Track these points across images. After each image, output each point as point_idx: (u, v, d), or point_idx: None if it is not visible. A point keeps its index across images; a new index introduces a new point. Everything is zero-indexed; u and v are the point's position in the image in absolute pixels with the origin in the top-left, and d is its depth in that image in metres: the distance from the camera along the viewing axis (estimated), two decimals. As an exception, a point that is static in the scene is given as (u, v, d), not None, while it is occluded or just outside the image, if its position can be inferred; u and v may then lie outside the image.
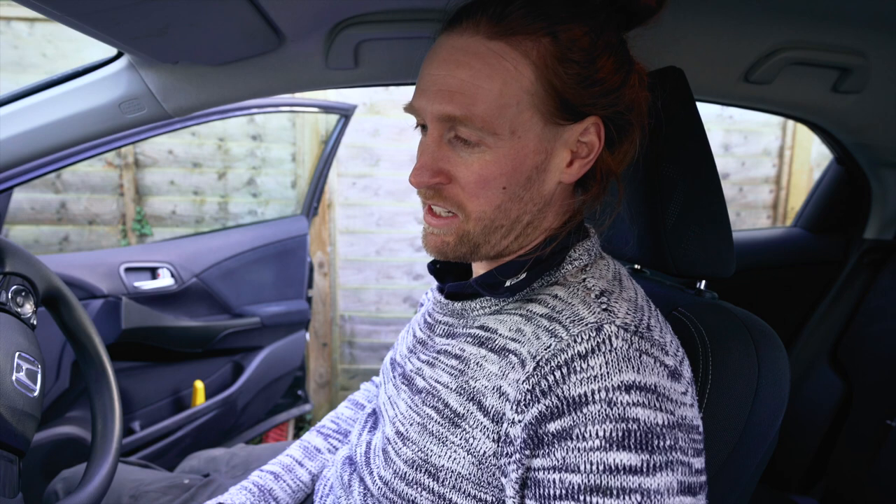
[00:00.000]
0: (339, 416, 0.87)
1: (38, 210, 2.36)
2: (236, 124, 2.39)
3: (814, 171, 2.51)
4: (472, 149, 0.52)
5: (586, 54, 0.51)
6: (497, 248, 0.57)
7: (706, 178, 0.66)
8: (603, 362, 0.46)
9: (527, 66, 0.50)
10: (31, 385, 0.69)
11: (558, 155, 0.54)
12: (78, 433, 1.35)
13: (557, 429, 0.46)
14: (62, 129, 0.82)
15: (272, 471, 0.79)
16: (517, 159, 0.52)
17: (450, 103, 0.51)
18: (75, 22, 0.59)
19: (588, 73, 0.51)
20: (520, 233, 0.57)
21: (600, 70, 0.52)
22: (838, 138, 1.22)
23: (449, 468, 0.52)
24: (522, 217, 0.56)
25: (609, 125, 0.54)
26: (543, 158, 0.53)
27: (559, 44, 0.50)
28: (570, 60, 0.51)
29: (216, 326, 1.66)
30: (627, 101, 0.54)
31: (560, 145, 0.54)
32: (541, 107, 0.51)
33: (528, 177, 0.53)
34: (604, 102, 0.53)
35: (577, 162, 0.55)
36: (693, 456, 0.47)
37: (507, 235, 0.56)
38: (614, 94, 0.53)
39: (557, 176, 0.55)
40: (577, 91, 0.51)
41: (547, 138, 0.53)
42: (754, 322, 0.64)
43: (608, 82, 0.52)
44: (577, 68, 0.51)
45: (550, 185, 0.55)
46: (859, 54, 0.89)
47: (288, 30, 0.74)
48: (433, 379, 0.58)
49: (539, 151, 0.53)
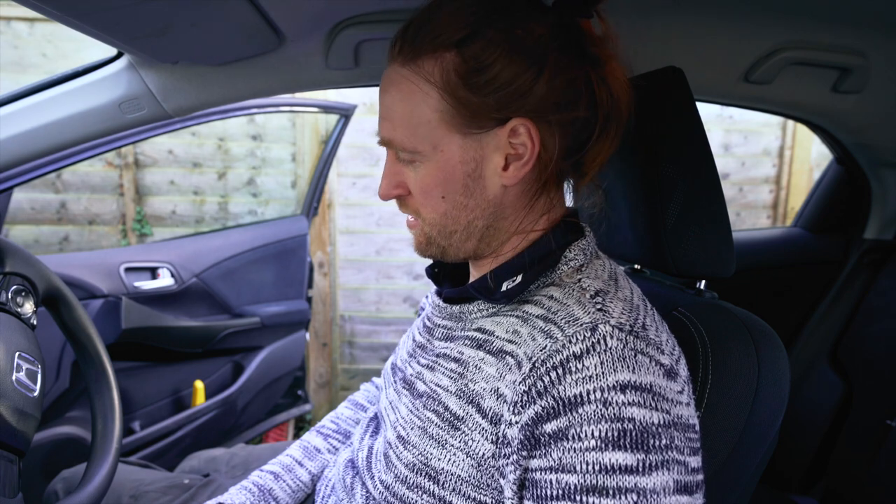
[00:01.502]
0: (339, 417, 0.87)
1: (38, 210, 2.36)
2: (236, 124, 2.39)
3: (814, 171, 2.51)
4: (409, 165, 0.57)
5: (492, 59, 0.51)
6: (464, 251, 0.60)
7: (706, 178, 0.65)
8: (598, 362, 0.46)
9: (430, 86, 0.53)
10: (32, 385, 0.69)
11: (490, 160, 0.55)
12: (78, 433, 1.35)
13: (553, 429, 0.46)
14: (62, 129, 0.82)
15: (272, 471, 0.79)
16: (446, 170, 0.55)
17: (382, 129, 0.57)
18: (75, 22, 0.59)
19: (491, 79, 0.51)
20: (481, 236, 0.59)
21: (504, 72, 0.51)
22: (838, 138, 1.22)
23: (449, 471, 0.52)
24: (475, 221, 0.58)
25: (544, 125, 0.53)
26: (474, 167, 0.55)
27: (463, 54, 0.52)
28: (473, 70, 0.52)
29: (216, 326, 1.66)
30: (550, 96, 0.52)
31: (490, 151, 0.54)
32: (451, 122, 0.53)
33: (463, 184, 0.55)
34: (518, 105, 0.52)
35: (512, 165, 0.55)
36: (689, 455, 0.47)
37: (467, 239, 0.59)
38: (528, 94, 0.52)
39: (497, 180, 0.55)
40: (483, 100, 0.52)
41: (471, 147, 0.54)
42: (754, 322, 0.64)
43: (515, 84, 0.51)
44: (480, 76, 0.52)
45: (494, 190, 0.56)
46: (859, 54, 0.89)
47: (288, 30, 0.74)
48: (433, 383, 0.58)
49: (466, 161, 0.55)
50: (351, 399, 0.90)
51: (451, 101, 0.53)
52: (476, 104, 0.52)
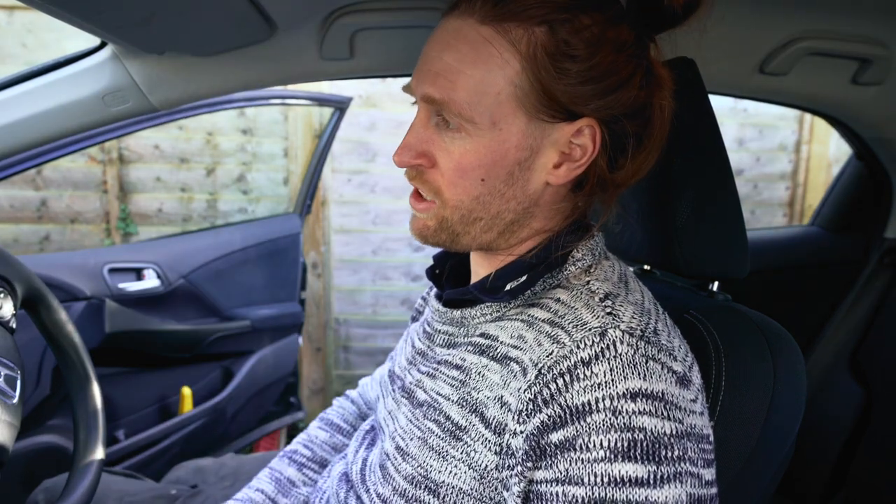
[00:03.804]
0: (313, 441, 0.82)
1: (18, 208, 2.32)
2: (226, 118, 2.37)
3: (832, 167, 2.49)
4: (454, 134, 0.52)
5: (583, 49, 0.49)
6: (479, 241, 0.56)
7: (719, 175, 0.65)
8: (607, 369, 0.45)
9: (514, 55, 0.49)
10: (10, 392, 0.67)
11: (545, 154, 0.52)
12: (59, 442, 1.33)
13: (560, 439, 0.45)
14: (42, 123, 0.81)
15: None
16: (498, 152, 0.51)
17: (432, 85, 0.51)
18: (56, 10, 0.57)
19: (581, 69, 0.49)
20: (503, 229, 0.56)
21: (595, 67, 0.49)
22: (858, 132, 1.20)
23: (450, 484, 0.51)
24: (504, 214, 0.54)
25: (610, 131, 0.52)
26: (528, 155, 0.52)
27: (555, 35, 0.48)
28: (563, 54, 0.49)
29: (204, 330, 1.64)
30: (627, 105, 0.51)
31: (548, 144, 0.52)
32: (524, 100, 0.50)
33: (509, 172, 0.52)
34: (599, 104, 0.50)
35: (565, 164, 0.53)
36: (703, 467, 0.46)
37: (488, 230, 0.55)
38: (610, 95, 0.51)
39: (543, 176, 0.53)
40: (567, 88, 0.49)
41: (532, 134, 0.51)
42: (770, 325, 0.63)
43: (606, 82, 0.50)
44: (570, 63, 0.49)
45: (536, 185, 0.54)
46: (880, 44, 0.88)
47: (280, 18, 0.73)
48: (434, 391, 0.56)
49: (522, 147, 0.51)
50: (323, 418, 0.86)
51: (531, 79, 0.49)
52: (558, 90, 0.50)
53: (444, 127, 0.52)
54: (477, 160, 0.51)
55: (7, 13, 2.18)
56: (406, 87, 0.56)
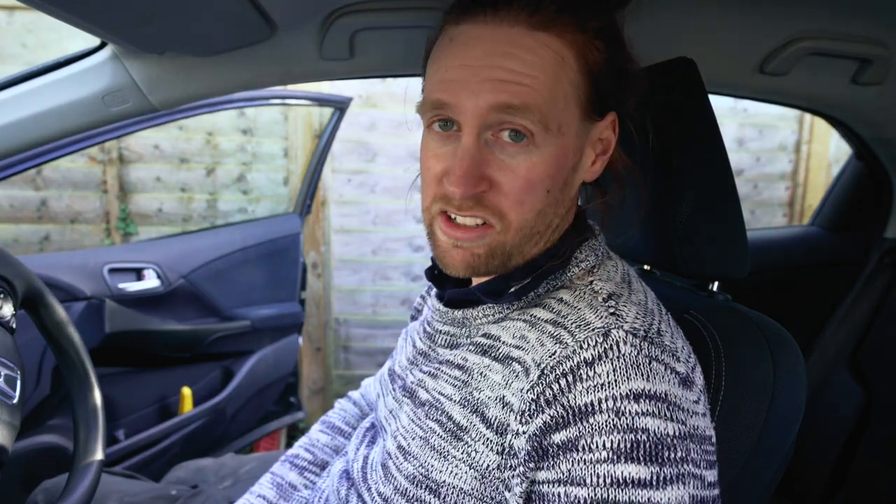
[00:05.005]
0: (315, 444, 0.82)
1: (18, 208, 2.32)
2: (226, 118, 2.36)
3: (832, 167, 2.48)
4: (517, 150, 0.49)
5: (613, 45, 0.51)
6: (528, 256, 0.54)
7: (719, 175, 0.65)
8: (610, 369, 0.45)
9: (572, 57, 0.49)
10: (10, 392, 0.67)
11: (587, 153, 0.54)
12: (59, 442, 1.33)
13: (563, 440, 0.45)
14: (43, 123, 0.81)
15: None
16: (561, 159, 0.50)
17: (503, 92, 0.47)
18: (56, 10, 0.56)
19: (615, 65, 0.51)
20: (549, 238, 0.55)
21: (623, 61, 0.52)
22: (858, 132, 1.20)
23: (451, 484, 0.51)
24: (554, 221, 0.54)
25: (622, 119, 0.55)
26: (579, 158, 0.53)
27: (587, 35, 0.50)
28: (600, 51, 0.50)
29: (204, 330, 1.64)
30: (640, 93, 0.54)
31: (588, 143, 0.54)
32: (582, 100, 0.50)
33: (565, 178, 0.52)
34: (626, 95, 0.53)
35: (598, 160, 0.55)
36: (705, 468, 0.46)
37: (538, 242, 0.54)
38: (635, 86, 0.53)
39: (582, 175, 0.55)
40: (609, 83, 0.51)
41: (582, 135, 0.53)
42: (770, 325, 0.63)
43: (630, 73, 0.52)
44: (613, 60, 0.51)
45: (577, 186, 0.55)
46: (880, 44, 0.88)
47: (280, 18, 0.73)
48: (436, 391, 0.56)
49: (576, 150, 0.52)
50: (325, 421, 0.85)
51: (587, 79, 0.50)
52: (608, 88, 0.51)
53: (501, 143, 0.49)
54: (545, 171, 0.49)
55: (7, 13, 2.17)
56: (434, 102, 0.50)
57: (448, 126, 0.52)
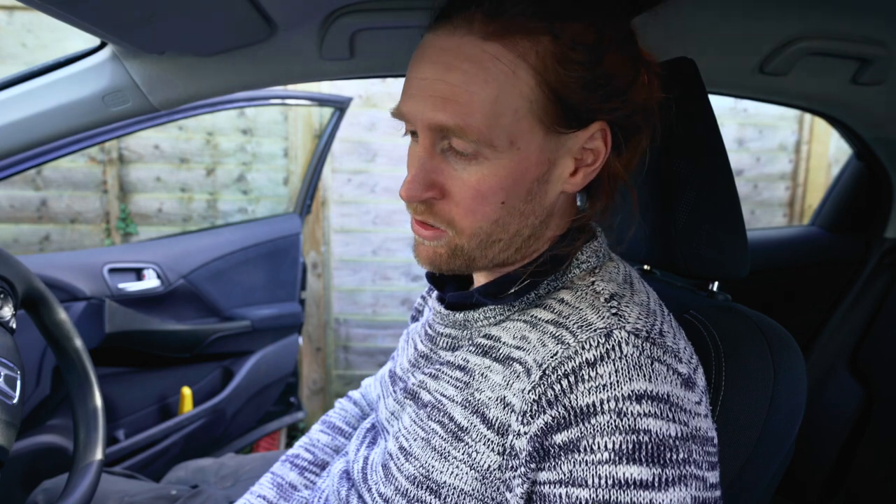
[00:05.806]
0: (315, 444, 0.82)
1: (18, 208, 2.31)
2: (226, 118, 2.36)
3: (832, 167, 2.48)
4: (468, 161, 0.49)
5: (590, 53, 0.47)
6: (496, 260, 0.55)
7: (719, 175, 0.64)
8: (612, 370, 0.45)
9: (525, 69, 0.46)
10: (10, 392, 0.67)
11: (561, 164, 0.51)
12: (59, 442, 1.33)
13: (564, 441, 0.45)
14: (43, 123, 0.80)
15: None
16: (518, 172, 0.49)
17: (442, 111, 0.47)
18: (56, 10, 0.56)
19: (593, 75, 0.48)
20: (520, 245, 0.55)
21: (606, 70, 0.48)
22: (858, 132, 1.20)
23: (451, 484, 0.51)
24: (523, 230, 0.53)
25: (616, 128, 0.51)
26: (546, 169, 0.51)
27: (560, 42, 0.46)
28: (572, 61, 0.47)
29: (204, 330, 1.64)
30: (637, 102, 0.51)
31: (563, 154, 0.51)
32: (541, 115, 0.48)
33: (528, 190, 0.51)
34: (611, 106, 0.49)
35: (581, 171, 0.52)
36: (707, 470, 0.46)
37: (506, 249, 0.54)
38: (623, 95, 0.50)
39: (560, 186, 0.53)
40: (582, 95, 0.48)
41: (549, 148, 0.50)
42: (770, 325, 0.63)
43: (615, 83, 0.49)
44: (581, 70, 0.47)
45: (552, 196, 0.53)
46: (880, 44, 0.87)
47: (280, 18, 0.73)
48: (438, 392, 0.56)
49: (541, 163, 0.50)
50: (325, 420, 0.85)
51: (546, 91, 0.47)
52: (573, 99, 0.48)
53: (455, 154, 0.49)
54: (497, 184, 0.49)
55: (7, 13, 2.17)
56: (396, 112, 0.52)
57: (415, 134, 0.53)
